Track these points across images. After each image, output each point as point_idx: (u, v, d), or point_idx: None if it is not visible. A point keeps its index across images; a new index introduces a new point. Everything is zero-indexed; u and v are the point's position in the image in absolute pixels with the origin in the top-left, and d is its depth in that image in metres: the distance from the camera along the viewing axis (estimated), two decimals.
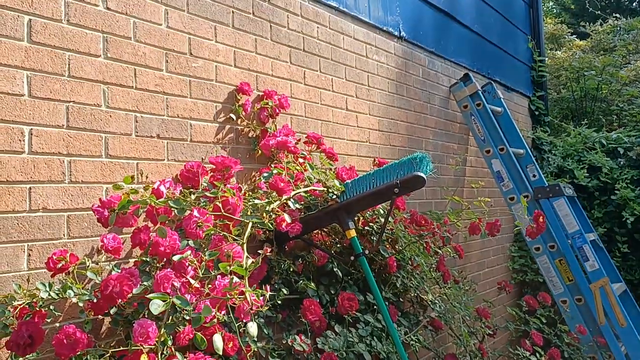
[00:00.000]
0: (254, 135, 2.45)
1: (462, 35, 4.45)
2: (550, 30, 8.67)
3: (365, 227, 2.62)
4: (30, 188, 1.64)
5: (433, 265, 2.90)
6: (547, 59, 6.50)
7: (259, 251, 1.51)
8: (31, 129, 1.65)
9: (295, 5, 2.76)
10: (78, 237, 1.74)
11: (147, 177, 1.91)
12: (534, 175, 4.09)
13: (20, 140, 1.62)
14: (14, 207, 1.59)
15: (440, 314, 2.83)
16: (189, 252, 1.41)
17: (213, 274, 1.44)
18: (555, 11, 17.97)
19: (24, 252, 1.61)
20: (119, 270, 1.61)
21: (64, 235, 1.70)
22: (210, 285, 1.47)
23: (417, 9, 3.86)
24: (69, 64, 1.77)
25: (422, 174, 2.16)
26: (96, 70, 1.85)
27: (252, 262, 1.38)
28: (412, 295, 2.87)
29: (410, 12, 3.76)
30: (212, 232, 1.49)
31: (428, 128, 3.87)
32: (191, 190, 1.83)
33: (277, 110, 2.48)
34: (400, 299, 2.83)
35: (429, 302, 2.85)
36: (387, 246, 2.70)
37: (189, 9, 2.20)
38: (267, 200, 1.73)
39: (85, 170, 1.78)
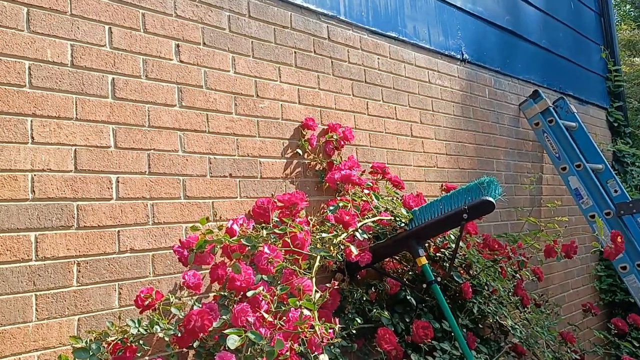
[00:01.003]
0: (321, 168, 2.52)
1: (529, 52, 4.37)
2: (627, 37, 8.28)
3: (437, 254, 2.61)
4: (118, 231, 1.78)
5: (511, 290, 2.82)
6: (623, 67, 6.21)
7: (327, 285, 1.56)
8: (118, 177, 1.81)
9: (354, 40, 2.85)
10: (162, 274, 1.87)
11: (220, 217, 2.02)
12: (616, 191, 3.90)
13: (108, 188, 1.78)
14: (105, 249, 1.74)
15: (522, 340, 2.74)
16: (261, 287, 1.49)
17: (286, 307, 1.50)
18: (632, 14, 17.12)
19: (115, 290, 1.75)
20: (200, 305, 1.71)
21: (149, 273, 1.84)
22: (284, 318, 1.53)
23: (480, 30, 3.85)
24: (148, 115, 1.93)
25: (490, 199, 2.14)
26: (172, 119, 2.00)
27: (320, 296, 1.44)
28: (491, 321, 2.80)
29: (473, 34, 3.75)
30: (282, 266, 1.56)
31: (498, 148, 3.80)
32: (263, 225, 1.92)
33: (342, 142, 2.55)
34: (479, 325, 2.77)
35: (510, 328, 2.76)
36: (461, 271, 2.67)
37: (254, 54, 2.33)
38: (334, 233, 1.79)
39: (166, 211, 1.92)
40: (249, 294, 1.48)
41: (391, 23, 3.08)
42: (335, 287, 1.49)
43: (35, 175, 1.63)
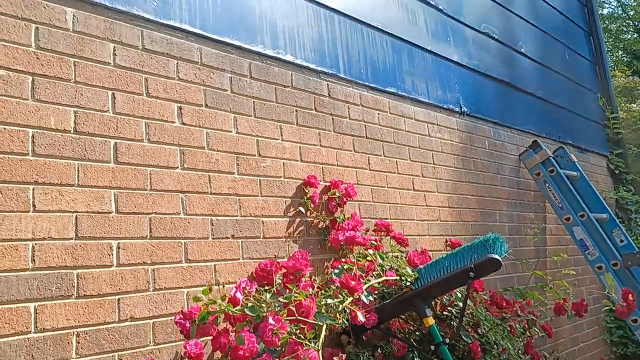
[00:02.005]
0: (324, 226, 2.50)
1: (527, 102, 4.42)
2: (622, 83, 8.42)
3: (444, 312, 2.55)
4: (119, 299, 1.75)
5: (520, 348, 2.74)
6: (621, 113, 6.28)
7: (331, 348, 1.51)
8: (119, 242, 1.79)
9: (354, 96, 2.88)
10: (163, 342, 1.82)
11: (222, 282, 1.99)
12: (622, 240, 3.86)
13: (109, 255, 1.76)
14: (105, 318, 1.70)
15: None
16: None
17: None
18: (625, 60, 17.48)
19: None
20: None
21: (150, 342, 1.78)
22: None
23: (477, 83, 3.90)
24: (150, 179, 1.92)
25: (496, 256, 2.11)
26: (174, 181, 1.99)
27: None
28: None
29: (470, 86, 3.80)
30: (287, 338, 1.52)
31: (500, 199, 3.79)
32: (266, 288, 1.88)
33: (345, 199, 2.54)
34: None
35: None
36: (469, 330, 2.60)
37: (256, 114, 2.35)
38: (339, 299, 1.75)
39: (168, 276, 1.88)
40: None
41: (390, 79, 3.13)
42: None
43: (36, 244, 1.61)
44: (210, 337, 1.75)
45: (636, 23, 17.88)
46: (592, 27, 5.92)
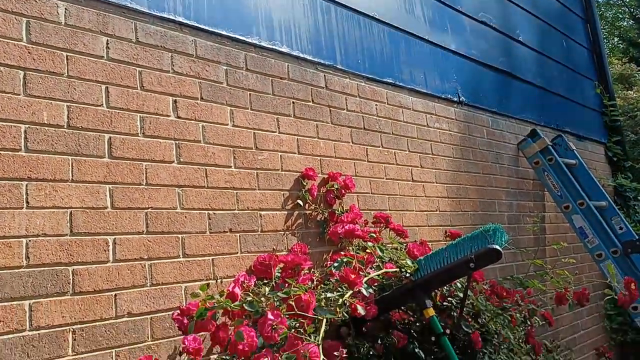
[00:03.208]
0: (322, 218, 2.48)
1: (525, 91, 4.39)
2: (619, 70, 8.39)
3: (444, 302, 2.53)
4: (115, 295, 1.73)
5: (522, 338, 2.74)
6: (618, 100, 6.26)
7: (332, 341, 1.49)
8: (114, 238, 1.77)
9: (352, 87, 2.85)
10: (161, 338, 1.80)
11: (220, 277, 1.97)
12: (621, 228, 3.85)
13: (105, 250, 1.73)
14: (102, 315, 1.68)
15: None
16: (266, 359, 1.42)
17: None
18: (621, 47, 17.43)
19: (112, 358, 1.68)
20: None
21: (148, 338, 1.77)
22: None
23: (475, 72, 3.87)
24: (146, 173, 1.90)
25: (497, 247, 2.09)
26: (170, 175, 1.97)
27: None
28: None
29: (468, 76, 3.77)
30: (287, 333, 1.50)
31: (499, 189, 3.77)
32: (265, 282, 1.87)
33: (343, 191, 2.52)
34: None
35: None
36: (469, 320, 2.59)
37: (252, 107, 2.32)
38: (339, 292, 1.73)
39: (165, 271, 1.86)
40: None
41: (387, 69, 3.10)
42: (344, 356, 1.42)
43: (30, 241, 1.59)
44: (209, 333, 1.73)
45: (632, 10, 17.83)
46: (588, 14, 5.88)
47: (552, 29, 5.06)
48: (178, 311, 1.60)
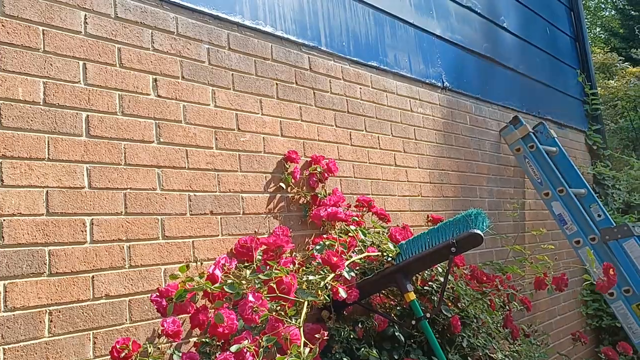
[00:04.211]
0: (305, 202, 2.46)
1: (508, 78, 4.40)
2: (600, 60, 8.46)
3: (425, 287, 2.55)
4: (93, 276, 1.69)
5: (500, 322, 2.77)
6: (599, 89, 6.32)
7: (312, 324, 1.49)
8: (92, 219, 1.73)
9: (336, 70, 2.82)
10: (139, 320, 1.78)
11: (201, 259, 1.94)
12: (599, 215, 3.90)
13: (82, 231, 1.70)
14: (79, 296, 1.65)
15: None
16: (246, 341, 1.41)
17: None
18: (603, 37, 17.61)
19: (89, 340, 1.65)
20: (180, 354, 1.62)
21: (126, 320, 1.74)
22: None
23: (459, 57, 3.86)
24: (124, 153, 1.86)
25: (478, 231, 2.10)
26: (150, 156, 1.93)
27: (311, 351, 1.36)
28: (481, 354, 2.73)
29: (453, 61, 3.76)
30: (268, 315, 1.49)
31: (481, 175, 3.79)
32: (246, 264, 1.85)
33: (326, 175, 2.50)
34: (469, 359, 2.71)
35: None
36: (449, 304, 2.61)
37: (235, 87, 2.28)
38: (321, 275, 1.72)
39: (144, 253, 1.83)
40: (233, 349, 1.40)
41: (372, 52, 3.07)
42: (325, 338, 1.42)
43: (4, 220, 1.54)
44: (189, 315, 1.72)
45: (614, 0, 17.99)
46: (572, 2, 5.90)
47: (536, 16, 5.07)
48: (157, 293, 1.57)
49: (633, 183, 5.17)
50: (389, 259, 2.25)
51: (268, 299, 1.52)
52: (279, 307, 1.54)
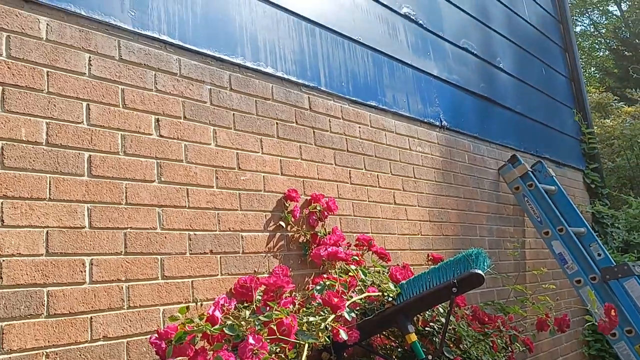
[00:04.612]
0: (305, 240, 2.46)
1: (505, 117, 4.46)
2: (596, 99, 8.59)
3: (426, 327, 2.52)
4: (91, 317, 1.67)
5: None
6: (595, 128, 6.39)
7: None
8: (92, 259, 1.72)
9: (336, 109, 2.85)
10: None
11: (202, 305, 1.93)
12: (599, 254, 3.89)
13: (81, 272, 1.69)
14: (77, 338, 1.63)
15: None
16: None
17: None
18: (598, 76, 17.90)
19: None
20: None
21: None
22: None
23: (457, 97, 3.92)
24: (126, 192, 1.86)
25: (479, 271, 2.09)
26: (151, 195, 1.93)
27: None
28: None
29: (450, 101, 3.81)
30: (268, 358, 1.46)
31: (480, 213, 3.79)
32: (246, 305, 1.83)
33: (326, 213, 2.50)
34: None
35: None
36: (451, 346, 2.57)
37: (236, 126, 2.31)
38: (321, 316, 1.70)
39: (143, 294, 1.82)
40: None
41: (371, 92, 3.12)
42: None
43: (3, 260, 1.53)
44: (187, 358, 1.69)
45: (608, 41, 18.37)
46: (567, 43, 6.03)
47: (532, 57, 5.17)
48: (156, 335, 1.55)
49: (632, 222, 5.17)
50: (390, 299, 2.22)
51: (268, 341, 1.50)
52: (279, 350, 1.52)
